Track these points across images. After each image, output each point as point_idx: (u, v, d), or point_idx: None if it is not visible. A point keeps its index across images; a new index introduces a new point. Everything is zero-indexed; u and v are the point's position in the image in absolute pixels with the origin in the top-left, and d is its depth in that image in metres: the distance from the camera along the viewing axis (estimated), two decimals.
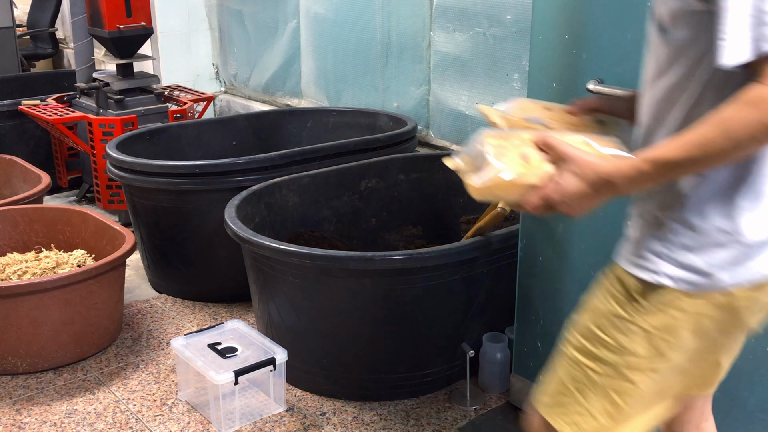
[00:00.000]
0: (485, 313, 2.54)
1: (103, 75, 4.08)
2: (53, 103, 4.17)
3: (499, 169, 1.29)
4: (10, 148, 4.25)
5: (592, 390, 1.30)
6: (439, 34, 3.35)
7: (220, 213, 2.65)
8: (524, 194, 1.29)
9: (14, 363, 2.67)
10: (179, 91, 4.35)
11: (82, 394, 2.60)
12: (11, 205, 3.23)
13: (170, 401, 2.54)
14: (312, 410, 2.48)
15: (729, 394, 1.86)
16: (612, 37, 1.91)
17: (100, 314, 2.76)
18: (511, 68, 3.08)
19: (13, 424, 2.44)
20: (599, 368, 1.29)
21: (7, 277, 2.89)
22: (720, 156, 1.08)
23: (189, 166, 2.99)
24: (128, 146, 3.33)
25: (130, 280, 3.33)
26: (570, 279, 2.16)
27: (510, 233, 2.45)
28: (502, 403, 2.51)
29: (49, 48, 5.91)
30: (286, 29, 4.28)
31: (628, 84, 1.89)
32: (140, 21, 3.85)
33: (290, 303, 2.48)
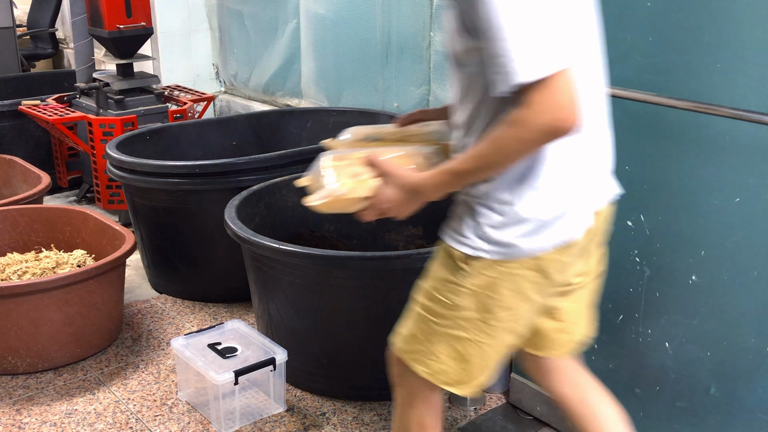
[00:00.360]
0: None
1: (103, 75, 4.08)
2: (53, 103, 4.17)
3: (334, 187, 1.56)
4: (10, 148, 4.25)
5: (437, 339, 1.57)
6: (439, 34, 3.35)
7: (220, 213, 2.65)
8: (358, 205, 1.58)
9: (14, 363, 2.67)
10: (179, 91, 4.35)
11: (82, 394, 2.60)
12: (11, 205, 3.23)
13: (170, 401, 2.54)
14: (312, 410, 2.48)
15: (729, 394, 1.86)
16: (612, 37, 1.90)
17: (100, 314, 2.76)
18: None
19: (13, 424, 2.44)
20: (441, 321, 1.56)
21: (7, 277, 2.89)
22: (496, 166, 1.40)
23: (189, 166, 2.99)
24: (128, 146, 3.33)
25: (130, 280, 3.33)
26: None
27: None
28: (502, 403, 2.51)
29: (49, 48, 5.91)
30: (286, 29, 4.28)
31: (628, 84, 1.89)
32: (140, 21, 3.85)
33: (290, 303, 2.47)
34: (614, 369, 2.10)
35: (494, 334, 1.55)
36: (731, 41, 1.69)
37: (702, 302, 1.87)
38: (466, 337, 1.55)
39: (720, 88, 1.73)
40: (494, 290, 1.50)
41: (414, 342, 1.62)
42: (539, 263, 1.49)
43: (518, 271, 1.49)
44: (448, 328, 1.56)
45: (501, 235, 1.47)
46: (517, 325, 1.57)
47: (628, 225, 1.97)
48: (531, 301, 1.54)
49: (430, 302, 1.58)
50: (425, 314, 1.59)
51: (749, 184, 1.72)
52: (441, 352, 1.58)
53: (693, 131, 1.80)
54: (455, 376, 1.60)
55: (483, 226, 1.48)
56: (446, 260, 1.54)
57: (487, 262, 1.49)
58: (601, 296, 2.08)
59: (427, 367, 1.60)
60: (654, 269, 1.95)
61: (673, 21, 1.78)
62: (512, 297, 1.51)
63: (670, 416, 2.00)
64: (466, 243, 1.50)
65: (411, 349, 1.63)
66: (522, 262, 1.48)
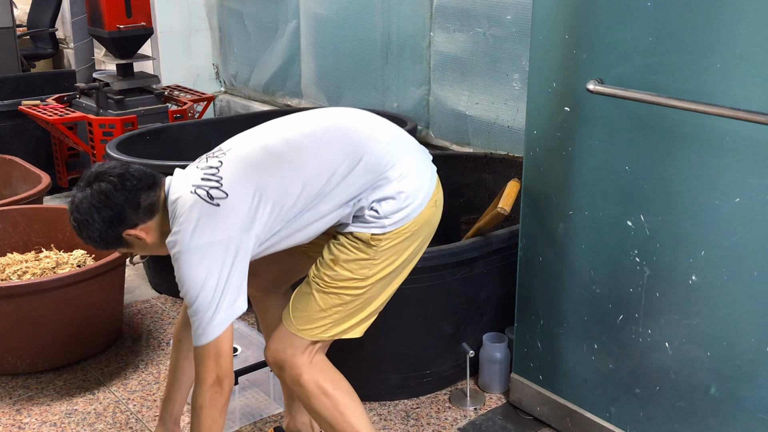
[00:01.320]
0: (485, 313, 2.54)
1: (103, 75, 4.09)
2: (53, 103, 4.17)
3: None
4: (10, 148, 4.25)
5: (343, 308, 1.80)
6: (439, 34, 3.35)
7: None
8: None
9: (14, 363, 2.67)
10: (179, 91, 4.35)
11: (82, 394, 2.59)
12: (11, 205, 3.23)
13: None
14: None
15: (729, 394, 1.86)
16: (612, 37, 1.91)
17: (100, 314, 2.76)
18: (511, 68, 3.08)
19: (13, 424, 2.44)
20: (353, 293, 1.79)
21: (7, 277, 2.89)
22: None
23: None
24: (128, 146, 3.33)
25: (130, 280, 3.33)
26: (570, 279, 2.16)
27: (510, 233, 2.45)
28: (502, 403, 2.51)
29: (49, 48, 5.91)
30: (286, 29, 4.28)
31: (628, 84, 1.89)
32: (140, 21, 3.85)
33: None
34: (614, 369, 2.10)
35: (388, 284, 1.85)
36: (731, 41, 1.69)
37: (702, 302, 1.87)
38: (367, 299, 1.82)
39: (720, 88, 1.73)
40: (399, 252, 1.81)
41: (312, 313, 1.80)
42: (419, 219, 1.82)
43: (410, 228, 1.81)
44: (356, 297, 1.80)
45: (389, 221, 1.77)
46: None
47: (628, 225, 1.97)
48: (423, 245, 1.90)
49: (339, 282, 1.79)
50: (334, 290, 1.79)
51: (749, 184, 1.72)
52: (342, 315, 1.81)
53: (693, 131, 1.80)
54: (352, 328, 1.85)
55: (375, 220, 1.78)
56: (357, 244, 1.78)
57: (388, 233, 1.78)
58: (601, 296, 2.09)
59: (325, 331, 1.81)
60: (654, 269, 1.95)
61: (673, 21, 1.78)
62: (413, 245, 1.85)
63: (670, 416, 2.00)
64: (373, 225, 1.77)
65: (309, 324, 1.81)
66: (409, 225, 1.80)
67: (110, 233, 1.77)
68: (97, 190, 1.74)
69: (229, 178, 1.72)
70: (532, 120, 2.16)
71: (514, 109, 3.10)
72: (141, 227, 1.78)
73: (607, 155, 1.98)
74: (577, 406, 2.24)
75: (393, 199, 1.77)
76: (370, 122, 1.86)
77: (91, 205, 1.74)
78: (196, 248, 1.68)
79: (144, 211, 1.77)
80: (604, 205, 2.02)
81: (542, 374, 2.32)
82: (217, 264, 1.68)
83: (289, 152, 1.76)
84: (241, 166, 1.75)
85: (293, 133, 1.80)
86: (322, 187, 1.74)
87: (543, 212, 2.19)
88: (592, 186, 2.04)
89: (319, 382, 1.82)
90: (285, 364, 1.83)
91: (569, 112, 2.05)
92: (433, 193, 1.85)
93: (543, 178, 2.17)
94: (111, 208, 1.74)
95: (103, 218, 1.74)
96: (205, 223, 1.68)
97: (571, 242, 2.13)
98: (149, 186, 1.78)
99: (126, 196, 1.74)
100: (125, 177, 1.76)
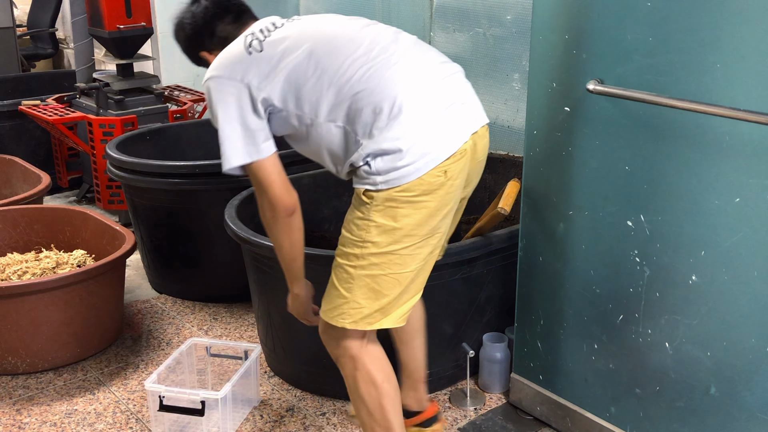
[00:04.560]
0: (485, 313, 2.54)
1: (103, 75, 4.08)
2: (53, 103, 4.17)
3: None
4: (10, 148, 4.25)
5: (353, 283, 1.78)
6: (439, 34, 3.35)
7: (220, 213, 2.64)
8: None
9: (14, 363, 2.67)
10: (179, 91, 4.35)
11: (82, 394, 2.59)
12: (11, 205, 3.23)
13: None
14: (312, 410, 2.48)
15: (729, 394, 1.86)
16: (612, 37, 1.91)
17: (100, 314, 2.76)
18: (511, 68, 3.08)
19: (13, 424, 2.44)
20: (355, 262, 1.78)
21: (7, 277, 2.89)
22: (282, 252, 1.92)
23: (189, 166, 2.99)
24: (128, 146, 3.33)
25: (130, 280, 3.34)
26: (570, 279, 2.16)
27: (510, 233, 2.45)
28: (502, 403, 2.51)
29: (49, 48, 5.92)
30: None
31: (628, 84, 1.89)
32: (140, 21, 3.85)
33: None
34: (614, 369, 2.10)
35: (403, 263, 1.80)
36: (731, 41, 1.69)
37: (702, 302, 1.87)
38: (379, 273, 1.78)
39: (720, 88, 1.73)
40: (395, 217, 1.77)
41: (335, 297, 1.82)
42: (421, 182, 1.76)
43: (412, 189, 1.76)
44: (361, 268, 1.78)
45: (383, 178, 1.75)
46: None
47: (628, 225, 1.97)
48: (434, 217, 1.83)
49: (344, 247, 1.81)
50: (341, 261, 1.82)
51: (749, 184, 1.73)
52: (358, 297, 1.79)
53: (693, 131, 1.80)
54: (378, 314, 1.81)
55: (370, 177, 1.77)
56: (357, 201, 1.80)
57: (384, 191, 1.75)
58: (601, 296, 2.09)
59: (347, 316, 1.80)
60: (654, 269, 1.95)
61: (673, 21, 1.78)
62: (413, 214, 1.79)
63: (670, 416, 2.00)
64: (368, 183, 1.77)
65: (332, 306, 1.83)
66: (413, 184, 1.76)
67: (191, 50, 2.03)
68: (192, 8, 1.99)
69: (270, 39, 1.83)
70: (532, 120, 2.16)
71: (514, 109, 3.10)
72: (216, 53, 1.92)
73: (607, 155, 1.98)
74: (577, 406, 2.24)
75: (387, 155, 1.72)
76: (425, 64, 1.83)
77: (183, 19, 2.01)
78: (215, 79, 1.83)
79: (218, 40, 1.95)
80: (604, 205, 2.02)
81: (542, 374, 2.32)
82: (227, 99, 1.82)
83: (323, 42, 1.82)
84: (284, 38, 1.83)
85: (346, 27, 1.87)
86: (326, 84, 1.78)
87: (543, 212, 2.19)
88: (592, 186, 2.04)
89: (371, 371, 1.85)
90: (335, 347, 1.88)
91: (569, 112, 2.05)
92: (444, 161, 1.74)
93: (543, 178, 2.17)
94: (192, 27, 1.98)
95: (186, 35, 2.01)
96: (230, 60, 1.82)
97: (571, 242, 2.13)
98: (233, 20, 1.96)
99: (205, 21, 1.96)
100: (217, 3, 1.97)
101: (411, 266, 1.80)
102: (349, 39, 1.81)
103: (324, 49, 1.79)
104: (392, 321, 1.83)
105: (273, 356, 2.65)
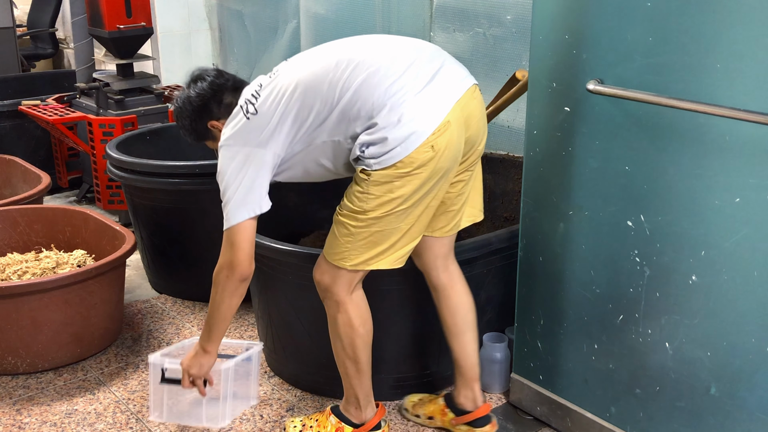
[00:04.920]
0: (485, 313, 2.54)
1: (103, 75, 4.08)
2: (53, 103, 4.17)
3: None
4: (10, 148, 4.25)
5: (353, 237, 2.01)
6: (439, 34, 3.35)
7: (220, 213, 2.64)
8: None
9: (14, 363, 2.67)
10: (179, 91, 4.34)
11: (82, 394, 2.60)
12: (11, 205, 3.23)
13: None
14: (312, 410, 2.48)
15: (729, 394, 1.86)
16: (612, 37, 1.91)
17: (100, 314, 2.76)
18: (511, 68, 3.08)
19: (13, 424, 2.44)
20: (356, 223, 1.99)
21: (7, 277, 2.89)
22: (215, 317, 2.16)
23: (189, 166, 2.99)
24: (128, 146, 3.33)
25: (130, 280, 3.34)
26: (570, 279, 2.16)
27: (510, 233, 2.45)
28: (502, 403, 2.51)
29: (49, 48, 5.92)
30: (286, 29, 4.28)
31: (628, 84, 1.89)
32: (140, 21, 3.85)
33: (290, 303, 2.47)
34: (614, 369, 2.10)
35: (397, 222, 2.00)
36: (731, 41, 1.69)
37: (702, 302, 1.87)
38: (376, 231, 1.99)
39: (720, 88, 1.73)
40: (391, 189, 1.96)
41: (337, 245, 2.04)
42: (413, 159, 1.94)
43: (403, 169, 1.94)
44: (362, 228, 1.99)
45: (377, 161, 1.94)
46: None
47: (628, 225, 1.97)
48: (423, 190, 2.01)
49: (348, 211, 2.00)
50: (344, 220, 2.01)
51: (749, 185, 1.73)
52: (357, 246, 2.01)
53: (693, 131, 1.80)
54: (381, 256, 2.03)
55: (367, 160, 1.95)
56: (358, 178, 1.98)
57: (381, 170, 1.94)
58: (601, 296, 2.09)
59: (347, 260, 2.03)
60: (654, 269, 1.95)
61: (673, 21, 1.78)
62: (407, 188, 1.97)
63: (670, 416, 2.00)
64: (365, 164, 1.95)
65: (334, 251, 2.05)
66: (403, 162, 1.94)
67: (199, 122, 2.18)
68: (196, 86, 2.17)
69: (263, 99, 2.02)
70: (532, 120, 2.16)
71: (514, 109, 3.10)
72: (222, 121, 2.14)
73: (607, 155, 1.98)
74: (577, 406, 2.24)
75: (376, 144, 1.93)
76: (387, 60, 1.97)
77: (187, 97, 2.18)
78: (228, 147, 2.03)
79: (225, 108, 2.14)
80: (604, 205, 2.02)
81: (542, 374, 2.32)
82: (237, 165, 2.00)
83: (313, 81, 1.99)
84: (275, 91, 2.02)
85: (316, 65, 2.02)
86: (326, 116, 1.98)
87: (543, 212, 2.19)
88: (592, 186, 2.04)
89: (351, 316, 2.10)
90: (326, 287, 2.10)
91: (569, 112, 2.05)
92: (429, 136, 1.92)
93: (543, 178, 2.17)
94: (201, 99, 2.16)
95: (194, 108, 2.17)
96: (238, 130, 2.02)
97: (571, 242, 2.13)
98: (234, 89, 2.16)
99: (213, 92, 2.15)
100: (219, 75, 2.18)
101: (406, 221, 2.00)
102: (329, 65, 1.99)
103: (307, 86, 1.98)
104: (389, 263, 2.05)
105: (273, 356, 2.65)
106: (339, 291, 2.09)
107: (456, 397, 2.32)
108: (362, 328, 2.12)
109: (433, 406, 2.37)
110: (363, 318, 2.13)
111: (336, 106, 1.96)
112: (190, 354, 2.21)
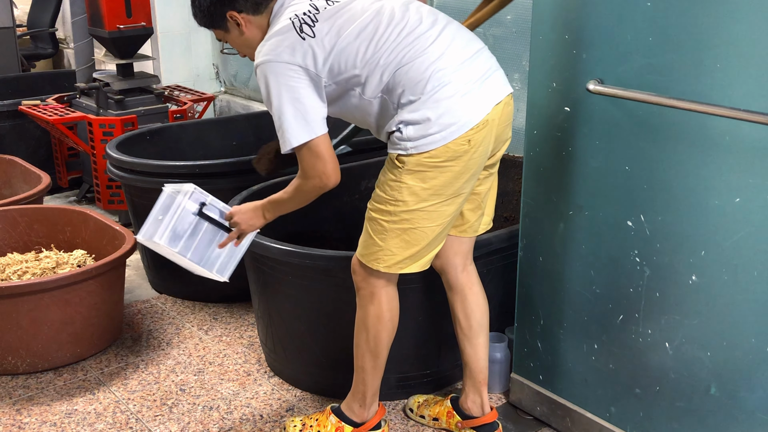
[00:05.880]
0: None
1: (103, 75, 4.08)
2: (53, 103, 4.17)
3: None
4: (10, 148, 4.25)
5: (386, 234, 2.00)
6: None
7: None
8: None
9: (14, 363, 2.67)
10: (179, 91, 4.35)
11: (82, 394, 2.60)
12: (11, 205, 3.23)
13: (170, 401, 2.54)
14: (312, 410, 2.48)
15: (729, 394, 1.86)
16: (612, 37, 1.91)
17: (100, 314, 2.76)
18: (511, 68, 3.08)
19: (13, 424, 2.44)
20: (388, 218, 1.99)
21: (7, 277, 2.89)
22: (287, 207, 2.11)
23: (189, 166, 2.99)
24: (128, 146, 3.33)
25: (130, 280, 3.34)
26: (570, 279, 2.16)
27: (510, 233, 2.45)
28: (502, 402, 2.51)
29: (49, 48, 5.91)
30: None
31: (628, 84, 1.89)
32: (140, 21, 3.85)
33: (290, 303, 2.48)
34: (614, 369, 2.10)
35: (429, 219, 2.00)
36: (731, 41, 1.69)
37: (702, 302, 1.87)
38: (410, 228, 1.99)
39: (720, 88, 1.73)
40: (424, 179, 1.96)
41: (369, 245, 2.04)
42: (446, 150, 1.94)
43: (438, 156, 1.94)
44: (394, 223, 1.99)
45: (413, 143, 1.94)
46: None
47: (628, 225, 1.97)
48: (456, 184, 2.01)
49: (379, 204, 2.01)
50: (375, 215, 2.01)
51: (749, 185, 1.73)
52: (391, 246, 2.01)
53: (693, 131, 1.80)
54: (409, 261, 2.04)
55: (401, 142, 1.96)
56: (390, 165, 1.98)
57: (413, 156, 1.94)
58: (601, 296, 2.09)
59: (381, 262, 2.03)
60: (654, 269, 1.95)
61: (673, 21, 1.78)
62: (439, 178, 1.98)
63: (670, 416, 2.00)
64: (399, 148, 1.96)
65: (367, 251, 2.05)
66: (439, 150, 1.94)
67: (219, 7, 2.01)
68: None
69: (321, 23, 1.94)
70: (532, 120, 2.16)
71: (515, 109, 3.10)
72: (244, 15, 2.01)
73: (607, 155, 1.98)
74: (577, 406, 2.24)
75: (418, 124, 1.92)
76: (443, 36, 1.98)
77: None
78: (276, 63, 1.92)
79: (251, 4, 2.00)
80: (604, 205, 2.02)
81: (542, 374, 2.32)
82: (295, 83, 1.92)
83: (370, 25, 1.95)
84: (334, 18, 1.95)
85: (378, 13, 1.98)
86: (371, 63, 1.94)
87: (543, 212, 2.19)
88: (592, 186, 2.04)
89: (383, 309, 2.11)
90: (362, 278, 2.10)
91: (569, 112, 2.05)
92: (468, 131, 1.92)
93: (543, 178, 2.17)
94: None
95: None
96: (289, 47, 1.92)
97: (571, 242, 2.13)
98: None
99: None
100: None
101: (438, 221, 2.00)
102: (394, 19, 1.96)
103: (371, 30, 1.94)
104: (419, 266, 2.07)
105: (273, 356, 2.65)
106: (376, 284, 2.08)
107: (464, 401, 2.31)
108: (391, 322, 2.13)
109: (438, 408, 2.37)
110: (393, 312, 2.13)
111: (394, 60, 1.93)
112: (248, 210, 2.16)
